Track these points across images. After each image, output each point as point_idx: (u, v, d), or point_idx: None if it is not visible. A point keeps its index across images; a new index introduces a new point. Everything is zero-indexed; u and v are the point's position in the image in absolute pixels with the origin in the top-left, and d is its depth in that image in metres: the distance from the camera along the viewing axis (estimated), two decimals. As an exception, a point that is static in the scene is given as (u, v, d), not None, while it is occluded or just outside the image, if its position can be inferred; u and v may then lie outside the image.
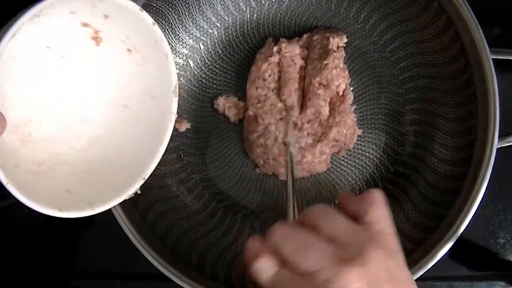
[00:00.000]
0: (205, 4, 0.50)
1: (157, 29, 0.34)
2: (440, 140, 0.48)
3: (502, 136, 0.44)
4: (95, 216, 0.52)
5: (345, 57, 0.50)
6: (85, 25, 0.35)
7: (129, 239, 0.43)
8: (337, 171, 0.51)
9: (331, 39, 0.48)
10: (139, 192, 0.35)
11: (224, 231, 0.49)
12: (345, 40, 0.49)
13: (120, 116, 0.38)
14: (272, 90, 0.50)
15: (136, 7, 0.33)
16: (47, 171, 0.34)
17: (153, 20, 0.34)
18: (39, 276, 0.52)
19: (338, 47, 0.49)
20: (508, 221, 0.53)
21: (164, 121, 0.36)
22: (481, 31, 0.43)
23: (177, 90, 0.36)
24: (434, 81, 0.49)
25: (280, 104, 0.49)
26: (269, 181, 0.51)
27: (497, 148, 0.43)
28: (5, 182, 0.28)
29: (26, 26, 0.30)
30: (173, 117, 0.37)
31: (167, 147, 0.38)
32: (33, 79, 0.35)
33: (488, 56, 0.43)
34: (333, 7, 0.51)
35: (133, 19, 0.33)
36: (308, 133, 0.49)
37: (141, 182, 0.36)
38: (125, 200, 0.44)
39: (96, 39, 0.36)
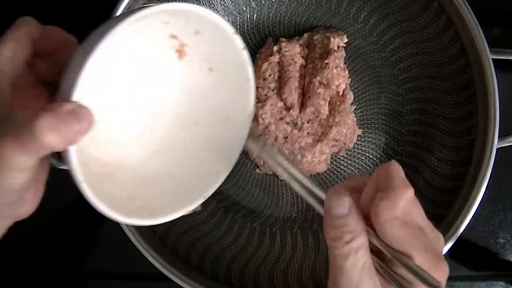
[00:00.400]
0: (205, 4, 0.50)
1: (245, 54, 0.33)
2: (440, 140, 0.48)
3: (502, 136, 0.44)
4: (95, 216, 0.52)
5: (345, 57, 0.50)
6: (173, 37, 0.34)
7: (129, 239, 0.43)
8: (337, 171, 0.51)
9: (331, 39, 0.49)
10: (199, 209, 0.35)
11: (224, 231, 0.49)
12: (346, 40, 0.49)
13: (190, 133, 0.37)
14: (273, 90, 0.50)
15: (231, 29, 0.32)
16: (111, 174, 0.33)
17: (243, 45, 0.33)
18: (39, 276, 0.52)
19: (338, 47, 0.49)
20: (508, 221, 0.53)
21: (234, 144, 0.35)
22: (481, 31, 0.43)
23: (252, 116, 0.35)
24: (434, 81, 0.49)
25: (280, 104, 0.49)
26: (269, 181, 0.51)
27: (497, 148, 0.43)
28: (80, 179, 0.27)
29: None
30: (243, 142, 0.35)
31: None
32: (111, 81, 0.34)
33: (488, 56, 0.43)
34: (333, 7, 0.51)
35: (223, 40, 0.32)
36: (308, 133, 0.49)
37: (201, 200, 0.34)
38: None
39: (181, 52, 0.35)
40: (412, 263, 0.26)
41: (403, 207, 0.26)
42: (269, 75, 0.50)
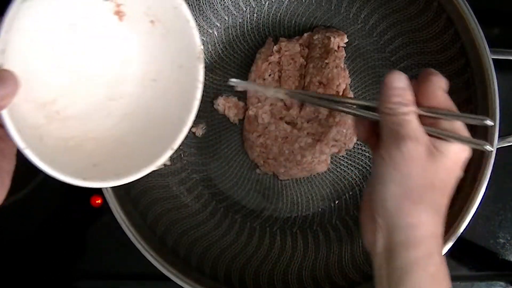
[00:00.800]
0: (205, 4, 0.50)
1: None
2: (440, 140, 0.48)
3: (502, 136, 0.44)
4: (95, 216, 0.52)
5: (345, 57, 0.50)
6: None
7: (129, 239, 0.43)
8: (337, 171, 0.51)
9: (332, 39, 0.49)
10: (168, 163, 0.35)
11: (224, 231, 0.49)
12: (346, 40, 0.49)
13: (150, 91, 0.37)
14: (272, 90, 0.50)
15: None
16: (74, 146, 0.34)
17: None
18: (39, 276, 0.52)
19: (338, 46, 0.49)
20: (508, 221, 0.53)
21: (192, 90, 0.36)
22: (481, 31, 0.43)
23: (202, 56, 0.35)
24: (434, 81, 0.49)
25: (280, 103, 0.49)
26: (269, 181, 0.51)
27: (497, 148, 0.43)
28: (22, 146, 0.28)
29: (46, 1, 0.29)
30: (200, 85, 0.36)
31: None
32: (59, 58, 0.34)
33: (488, 56, 0.43)
34: (333, 7, 0.51)
35: None
36: (307, 133, 0.49)
37: (170, 152, 0.35)
38: (125, 200, 0.44)
39: (119, 13, 0.35)
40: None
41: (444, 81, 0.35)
42: (269, 75, 0.50)
